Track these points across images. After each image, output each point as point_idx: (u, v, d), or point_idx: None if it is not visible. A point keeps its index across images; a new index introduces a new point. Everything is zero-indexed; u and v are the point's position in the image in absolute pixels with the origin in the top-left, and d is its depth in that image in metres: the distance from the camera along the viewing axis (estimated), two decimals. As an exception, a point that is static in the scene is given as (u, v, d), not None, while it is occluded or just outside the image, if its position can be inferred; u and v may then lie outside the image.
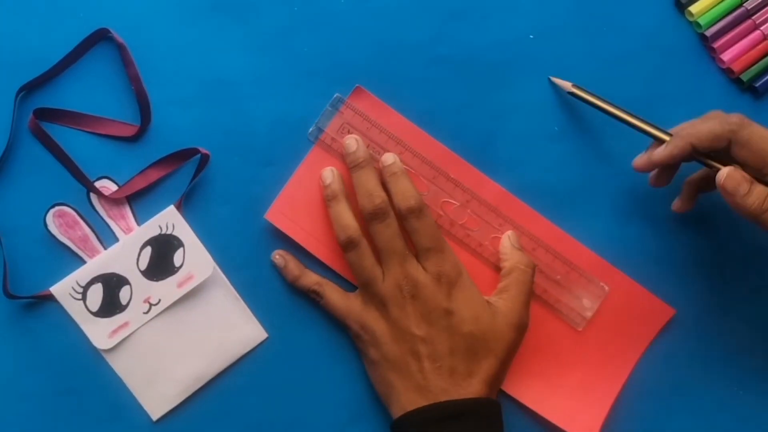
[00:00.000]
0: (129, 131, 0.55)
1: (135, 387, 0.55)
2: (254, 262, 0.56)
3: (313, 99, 0.56)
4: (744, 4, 0.58)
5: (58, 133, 0.55)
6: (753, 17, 0.58)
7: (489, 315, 0.53)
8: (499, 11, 0.58)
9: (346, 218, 0.54)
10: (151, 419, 0.55)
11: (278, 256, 0.56)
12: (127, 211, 0.55)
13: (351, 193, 0.55)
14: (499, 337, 0.53)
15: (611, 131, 0.58)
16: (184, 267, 0.55)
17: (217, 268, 0.56)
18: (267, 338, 0.56)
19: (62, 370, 0.55)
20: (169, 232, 0.55)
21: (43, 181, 0.55)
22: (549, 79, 0.57)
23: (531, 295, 0.55)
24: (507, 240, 0.56)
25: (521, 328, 0.54)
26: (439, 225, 0.55)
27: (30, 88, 0.55)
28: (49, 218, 0.55)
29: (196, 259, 0.55)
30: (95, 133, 0.55)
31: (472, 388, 0.52)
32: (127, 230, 0.55)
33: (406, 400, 0.52)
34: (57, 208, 0.55)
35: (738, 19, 0.58)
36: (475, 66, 0.58)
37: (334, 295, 0.55)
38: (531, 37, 0.58)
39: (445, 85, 0.57)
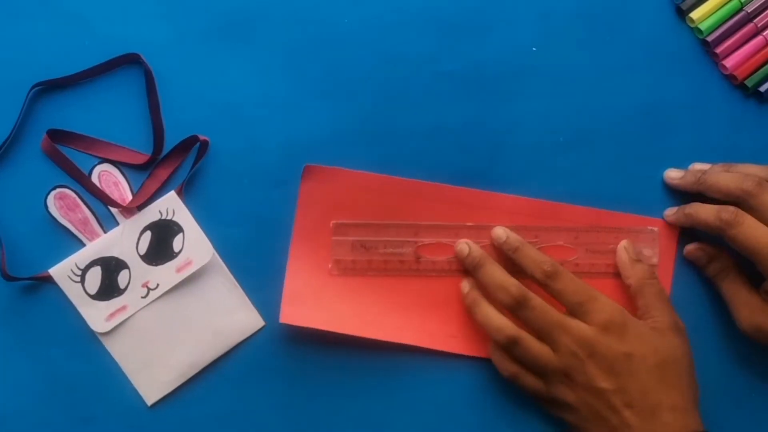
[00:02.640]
0: (140, 159, 0.56)
1: (131, 371, 0.55)
2: (253, 250, 0.56)
3: (318, 115, 0.57)
4: (744, 8, 0.58)
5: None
6: (754, 21, 0.58)
7: (662, 339, 0.52)
8: (501, 25, 0.58)
9: (496, 319, 0.53)
10: (146, 404, 0.55)
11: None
12: (121, 179, 0.56)
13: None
14: (678, 356, 0.53)
15: (617, 141, 0.58)
16: (183, 252, 0.55)
17: (216, 254, 0.56)
18: (264, 326, 0.56)
19: (58, 352, 0.55)
20: (169, 217, 0.55)
21: (44, 162, 0.55)
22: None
23: (670, 301, 0.55)
24: (624, 253, 0.56)
25: (684, 333, 0.54)
26: None
27: (47, 87, 0.56)
28: (50, 200, 0.55)
29: (195, 244, 0.55)
30: (106, 159, 0.56)
31: (678, 422, 0.51)
32: (122, 200, 0.55)
33: None
34: (58, 190, 0.55)
35: (739, 23, 0.58)
36: (480, 80, 0.58)
37: (530, 376, 0.54)
38: (534, 49, 0.58)
39: (450, 100, 0.58)
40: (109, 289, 0.55)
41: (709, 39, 0.58)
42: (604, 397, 0.51)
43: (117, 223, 0.55)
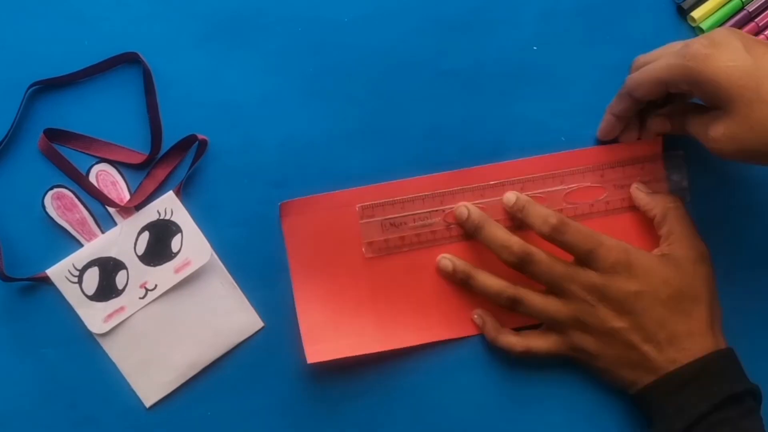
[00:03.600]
0: (137, 159, 0.56)
1: (129, 372, 0.55)
2: (252, 250, 0.56)
3: (318, 114, 0.57)
4: (745, 7, 0.58)
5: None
6: (756, 20, 0.58)
7: (673, 269, 0.53)
8: (501, 24, 0.58)
9: (493, 285, 0.54)
10: (144, 406, 0.55)
11: (476, 315, 0.56)
12: (119, 178, 0.56)
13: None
14: (694, 281, 0.53)
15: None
16: (181, 253, 0.55)
17: (215, 255, 0.55)
18: (263, 327, 0.56)
19: (56, 353, 0.55)
20: (167, 217, 0.55)
21: (42, 162, 0.55)
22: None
23: (693, 225, 0.55)
24: (638, 192, 0.56)
25: (706, 259, 0.54)
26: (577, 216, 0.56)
27: (44, 86, 0.56)
28: (47, 200, 0.55)
29: (193, 245, 0.55)
30: (104, 158, 0.56)
31: (697, 345, 0.52)
32: (119, 200, 0.55)
33: (644, 388, 0.52)
34: (55, 190, 0.55)
35: (740, 22, 0.58)
36: (480, 79, 0.58)
37: (538, 341, 0.55)
38: (534, 48, 0.58)
39: (451, 99, 0.58)
40: (106, 290, 0.54)
41: (711, 38, 0.58)
42: (621, 336, 0.52)
43: (115, 224, 0.55)
